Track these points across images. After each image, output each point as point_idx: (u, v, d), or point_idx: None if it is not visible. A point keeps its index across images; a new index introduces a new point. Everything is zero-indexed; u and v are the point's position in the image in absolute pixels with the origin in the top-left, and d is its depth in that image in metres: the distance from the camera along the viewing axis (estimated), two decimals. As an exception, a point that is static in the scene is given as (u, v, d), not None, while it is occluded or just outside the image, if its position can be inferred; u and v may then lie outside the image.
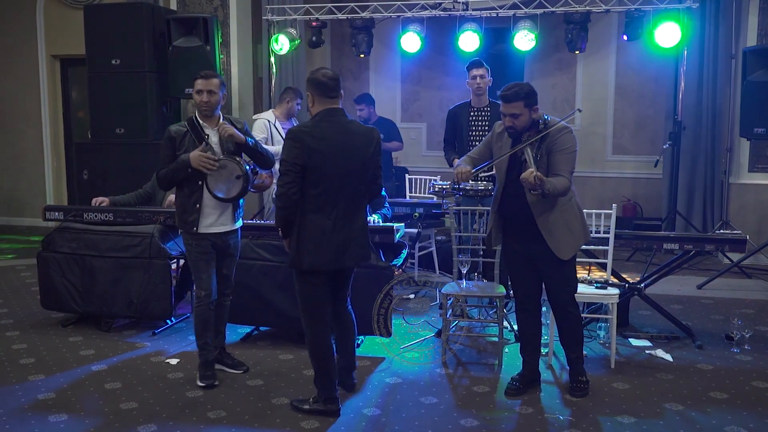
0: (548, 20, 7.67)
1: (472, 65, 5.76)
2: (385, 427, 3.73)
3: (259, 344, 4.98)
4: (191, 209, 4.19)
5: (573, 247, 3.96)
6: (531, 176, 3.64)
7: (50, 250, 5.32)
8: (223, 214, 4.25)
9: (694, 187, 7.88)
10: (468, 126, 5.79)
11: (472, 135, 5.77)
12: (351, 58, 9.71)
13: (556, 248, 3.90)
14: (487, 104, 5.78)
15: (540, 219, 3.89)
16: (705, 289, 6.37)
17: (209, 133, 4.23)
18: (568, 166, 3.86)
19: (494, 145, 4.13)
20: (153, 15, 7.49)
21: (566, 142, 3.87)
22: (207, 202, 4.19)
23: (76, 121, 9.76)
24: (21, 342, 5.04)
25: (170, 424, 3.76)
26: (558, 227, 3.90)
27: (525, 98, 3.86)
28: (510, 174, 3.99)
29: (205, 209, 4.20)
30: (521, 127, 3.90)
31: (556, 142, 3.86)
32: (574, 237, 3.95)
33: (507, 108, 3.89)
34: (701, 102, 7.72)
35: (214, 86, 4.20)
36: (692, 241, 4.99)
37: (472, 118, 5.79)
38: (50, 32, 9.37)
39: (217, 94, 4.21)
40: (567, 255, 3.93)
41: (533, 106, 3.88)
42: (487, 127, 5.75)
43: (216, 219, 4.23)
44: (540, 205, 3.88)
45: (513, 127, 3.91)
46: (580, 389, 4.07)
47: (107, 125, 7.56)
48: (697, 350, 4.81)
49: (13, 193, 9.82)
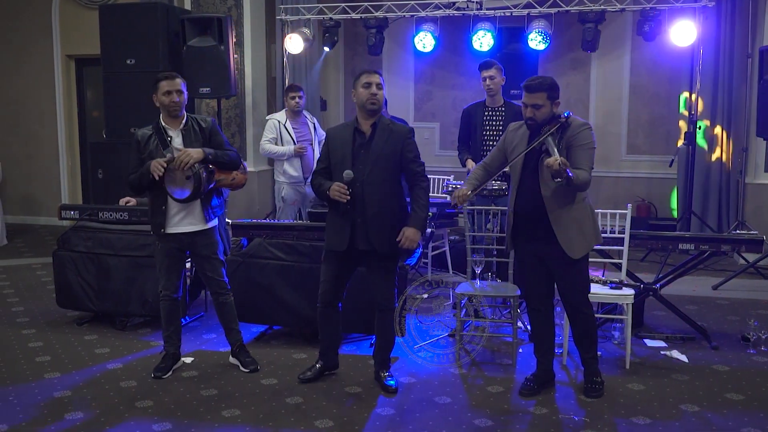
0: (562, 19, 7.64)
1: (482, 66, 5.76)
2: (399, 426, 3.73)
3: (273, 343, 4.99)
4: (158, 211, 4.29)
5: (584, 248, 3.94)
6: (556, 162, 3.60)
7: (66, 248, 5.35)
8: (189, 214, 4.29)
9: (709, 187, 7.83)
10: (482, 125, 5.78)
11: (486, 134, 5.75)
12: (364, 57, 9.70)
13: (567, 247, 3.88)
14: (502, 104, 5.77)
15: (553, 215, 3.87)
16: (721, 290, 6.33)
17: (172, 135, 4.28)
18: (588, 161, 3.84)
19: (507, 146, 4.10)
20: (167, 15, 7.51)
21: (586, 138, 3.86)
22: (171, 203, 4.25)
23: (90, 120, 9.80)
24: (37, 340, 5.07)
25: (185, 423, 3.77)
26: (570, 226, 3.88)
27: (548, 90, 3.86)
28: (525, 170, 3.96)
29: (170, 210, 4.28)
30: (541, 119, 3.87)
31: (577, 136, 3.84)
32: (585, 237, 3.93)
33: (529, 98, 3.87)
34: (717, 101, 7.66)
35: (180, 85, 4.27)
36: (708, 241, 4.95)
37: (487, 117, 5.78)
38: (65, 32, 9.42)
39: (184, 93, 4.28)
40: (577, 254, 3.90)
41: (555, 99, 3.89)
42: (502, 127, 5.73)
43: (181, 219, 4.28)
44: (554, 201, 3.86)
45: (533, 119, 3.89)
46: (594, 390, 4.05)
47: (122, 125, 7.57)
48: (713, 351, 4.78)
49: (28, 192, 9.89)
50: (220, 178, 4.31)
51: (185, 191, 4.15)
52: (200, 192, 4.17)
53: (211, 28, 7.36)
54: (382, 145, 4.01)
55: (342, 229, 4.02)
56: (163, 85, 4.24)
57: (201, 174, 4.12)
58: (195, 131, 4.31)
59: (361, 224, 3.99)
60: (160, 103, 4.27)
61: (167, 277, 4.39)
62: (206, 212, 4.32)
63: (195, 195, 4.16)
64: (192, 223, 4.30)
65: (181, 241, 4.33)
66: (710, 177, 7.81)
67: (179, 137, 4.27)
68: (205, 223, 4.33)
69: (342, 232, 4.02)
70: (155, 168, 4.08)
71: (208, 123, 4.38)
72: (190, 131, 4.30)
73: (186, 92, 4.32)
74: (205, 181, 4.15)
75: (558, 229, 3.88)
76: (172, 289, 4.41)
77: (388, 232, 4.01)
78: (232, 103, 8.36)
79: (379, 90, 4.00)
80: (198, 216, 4.31)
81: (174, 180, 4.16)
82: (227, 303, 4.50)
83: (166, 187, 4.18)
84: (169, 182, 4.17)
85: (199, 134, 4.31)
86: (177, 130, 4.29)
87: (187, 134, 4.29)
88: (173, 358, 4.48)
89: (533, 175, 3.91)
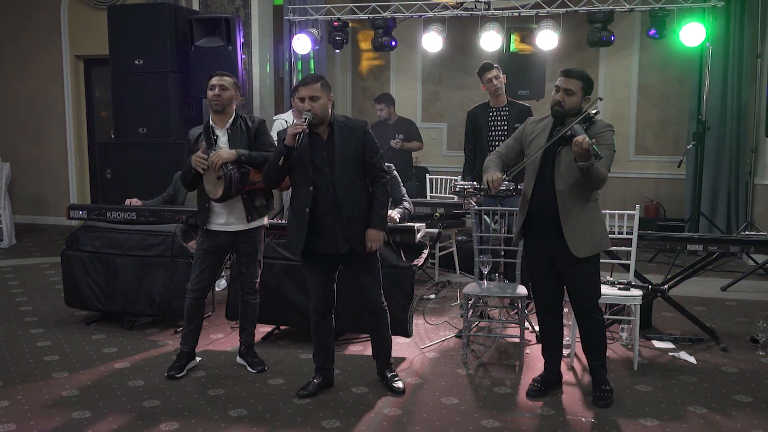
0: (571, 19, 7.62)
1: (484, 69, 5.75)
2: (406, 426, 3.73)
3: (281, 343, 5.00)
4: (203, 208, 4.34)
5: (590, 248, 3.88)
6: (585, 140, 3.52)
7: (74, 248, 5.37)
8: (231, 213, 4.31)
9: (719, 187, 7.80)
10: (487, 126, 5.78)
11: (491, 135, 5.76)
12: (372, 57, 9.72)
13: (572, 244, 3.82)
14: (506, 104, 5.77)
15: (563, 211, 3.82)
16: (729, 291, 6.30)
17: (219, 134, 4.31)
18: (608, 161, 3.79)
19: (526, 137, 4.02)
20: (175, 15, 7.54)
21: (609, 139, 3.82)
22: (214, 202, 4.28)
23: (99, 120, 9.84)
24: (45, 339, 5.09)
25: (192, 422, 3.78)
26: (578, 224, 3.84)
27: (584, 81, 3.84)
28: (544, 163, 3.89)
29: (214, 208, 4.31)
30: (569, 107, 3.82)
31: (601, 135, 3.79)
32: (593, 238, 3.88)
33: (564, 82, 3.83)
34: (726, 102, 7.64)
35: (227, 83, 4.29)
36: (717, 242, 4.93)
37: (492, 118, 5.78)
38: (74, 33, 9.46)
39: (229, 90, 4.29)
40: (582, 253, 3.84)
41: (587, 94, 3.86)
42: (506, 127, 5.73)
43: (225, 218, 4.31)
44: (567, 197, 3.80)
45: (561, 104, 3.83)
46: (603, 398, 3.97)
47: (130, 125, 7.61)
48: (722, 353, 4.76)
49: (37, 192, 9.93)
50: (259, 179, 4.28)
51: (217, 191, 4.17)
52: (231, 193, 4.16)
53: (219, 29, 7.38)
54: (344, 144, 3.93)
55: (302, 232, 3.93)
56: (212, 80, 4.29)
57: (232, 175, 4.12)
58: (241, 130, 4.33)
59: (340, 227, 3.92)
60: (207, 98, 4.32)
61: (198, 272, 4.39)
62: (249, 213, 4.32)
63: (226, 195, 4.16)
64: (233, 223, 4.32)
65: (223, 240, 4.34)
66: (719, 178, 7.78)
67: (225, 136, 4.30)
68: (246, 223, 4.34)
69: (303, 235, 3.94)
70: (196, 162, 4.15)
71: (256, 122, 4.40)
72: (237, 131, 4.32)
73: (232, 91, 4.31)
74: (236, 182, 4.15)
75: (566, 225, 3.83)
76: (200, 286, 4.40)
77: (360, 230, 3.96)
78: (240, 104, 8.37)
79: (313, 103, 3.88)
80: (240, 216, 4.32)
81: (209, 180, 4.20)
82: (251, 303, 4.51)
83: (204, 185, 4.24)
84: (206, 182, 4.22)
85: (245, 134, 4.32)
86: (223, 129, 4.32)
87: (233, 134, 4.31)
88: (187, 357, 4.47)
89: (550, 169, 3.86)
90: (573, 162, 3.67)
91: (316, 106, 3.88)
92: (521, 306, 4.60)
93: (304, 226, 3.93)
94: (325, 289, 4.09)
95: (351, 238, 3.94)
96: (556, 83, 3.88)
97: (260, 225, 4.44)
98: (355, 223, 3.95)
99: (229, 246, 4.40)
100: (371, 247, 3.96)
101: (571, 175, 3.78)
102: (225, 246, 4.39)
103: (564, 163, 3.81)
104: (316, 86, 3.91)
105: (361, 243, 3.96)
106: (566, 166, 3.80)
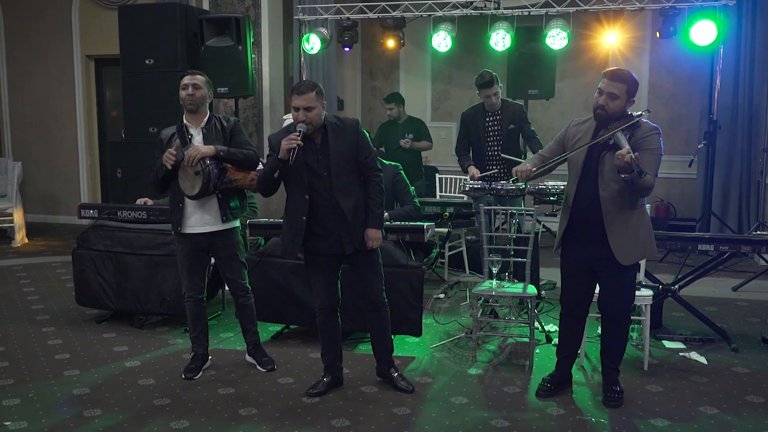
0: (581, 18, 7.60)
1: (483, 86, 5.77)
2: (415, 426, 3.72)
3: (290, 342, 5.01)
4: (176, 209, 4.29)
5: (635, 255, 3.80)
6: (628, 154, 3.44)
7: (85, 247, 5.39)
8: (205, 214, 4.27)
9: (730, 187, 7.75)
10: (484, 129, 5.85)
11: (489, 138, 5.85)
12: (381, 57, 9.72)
13: (617, 251, 3.73)
14: (500, 106, 5.87)
15: (608, 218, 3.73)
16: (740, 291, 6.26)
17: (193, 134, 4.29)
18: (654, 166, 3.68)
19: (568, 140, 3.93)
20: (186, 15, 7.56)
21: (655, 143, 3.70)
22: (188, 202, 4.24)
23: (109, 120, 9.88)
24: (56, 338, 5.12)
25: (202, 420, 3.79)
26: (625, 231, 3.74)
27: (629, 83, 3.70)
28: (586, 168, 3.81)
29: (188, 208, 4.26)
30: (611, 111, 3.71)
31: (646, 139, 3.69)
32: (638, 245, 3.79)
33: (607, 85, 3.70)
34: (737, 101, 7.60)
35: (199, 81, 4.28)
36: (728, 242, 4.90)
37: (489, 121, 5.89)
38: (85, 32, 9.51)
39: (202, 88, 4.28)
40: (627, 261, 3.76)
41: (632, 97, 3.74)
42: (499, 128, 5.82)
43: (198, 219, 4.27)
44: (612, 203, 3.72)
45: (604, 108, 3.71)
46: (614, 399, 3.95)
47: (140, 124, 7.63)
48: (733, 353, 4.73)
49: (48, 191, 9.99)
50: (236, 177, 4.27)
51: (195, 187, 4.14)
52: (209, 188, 4.13)
53: (229, 28, 7.39)
54: (338, 146, 3.89)
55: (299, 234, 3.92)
56: (183, 79, 4.29)
57: (210, 170, 4.09)
58: (217, 130, 4.30)
59: (344, 229, 3.91)
60: (180, 98, 4.30)
61: (189, 278, 4.38)
62: (223, 212, 4.28)
63: (204, 191, 4.13)
64: (209, 223, 4.28)
65: (199, 242, 4.32)
66: (730, 177, 7.74)
67: (200, 135, 4.28)
68: (221, 224, 4.30)
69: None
70: (166, 158, 4.09)
71: (231, 122, 4.38)
72: (212, 130, 4.30)
73: (205, 89, 4.30)
74: (215, 177, 4.12)
75: (611, 232, 3.73)
76: (196, 290, 4.40)
77: (363, 228, 3.95)
78: (250, 103, 8.40)
79: (308, 113, 3.79)
80: (215, 216, 4.28)
81: (186, 176, 4.16)
82: (246, 305, 4.50)
83: (179, 181, 4.19)
84: (182, 179, 4.18)
85: (220, 133, 4.30)
86: (198, 128, 4.30)
87: (209, 133, 4.29)
88: (202, 359, 4.48)
89: (593, 175, 3.77)
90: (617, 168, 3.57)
91: (310, 116, 3.80)
92: (531, 305, 4.59)
93: (300, 234, 3.91)
94: (329, 287, 4.09)
95: (356, 239, 3.93)
96: (599, 86, 3.75)
97: (235, 226, 4.39)
98: (359, 224, 3.94)
99: (205, 247, 4.35)
100: (371, 246, 3.95)
101: (616, 182, 3.69)
102: (202, 247, 4.35)
103: (608, 169, 3.70)
104: (311, 95, 3.80)
105: (364, 242, 3.96)
106: (610, 172, 3.69)
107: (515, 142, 5.91)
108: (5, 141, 10.04)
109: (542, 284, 6.04)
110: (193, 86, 4.25)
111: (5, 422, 3.75)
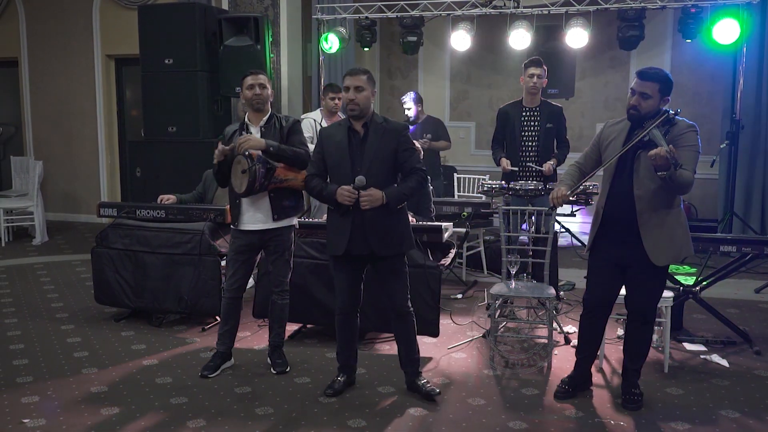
0: (601, 17, 7.54)
1: (531, 63, 5.67)
2: (431, 427, 3.70)
3: (307, 342, 5.00)
4: (234, 205, 4.37)
5: (670, 256, 3.74)
6: (663, 150, 3.38)
7: (104, 246, 5.42)
8: (258, 211, 4.31)
9: (752, 188, 7.65)
10: (520, 125, 5.71)
11: (524, 135, 5.70)
12: (400, 56, 9.69)
13: (652, 252, 3.67)
14: (539, 104, 5.70)
15: (642, 218, 3.68)
16: (763, 293, 6.18)
17: (253, 131, 4.35)
18: (693, 163, 3.61)
19: (603, 141, 3.88)
20: (205, 15, 7.59)
21: (692, 140, 3.64)
22: (244, 199, 4.29)
23: (129, 119, 9.95)
24: (75, 336, 5.15)
25: (219, 419, 3.79)
26: (660, 231, 3.68)
27: (662, 82, 3.66)
28: (620, 168, 3.76)
29: (243, 205, 4.32)
30: (645, 111, 3.66)
31: (683, 136, 3.63)
32: (674, 245, 3.72)
33: (640, 85, 3.66)
34: (761, 100, 7.49)
35: (264, 80, 4.35)
36: (750, 243, 4.84)
37: (525, 117, 5.71)
38: (105, 32, 9.57)
39: (267, 87, 4.36)
40: (661, 261, 3.70)
41: (666, 95, 3.69)
42: (539, 127, 5.67)
43: (251, 216, 4.32)
44: (646, 203, 3.67)
45: (637, 108, 3.67)
46: (633, 401, 3.90)
47: (160, 124, 7.69)
48: (755, 356, 4.66)
49: (69, 190, 10.07)
50: (288, 177, 4.28)
51: (242, 186, 4.17)
52: (254, 187, 4.15)
53: (248, 28, 7.42)
54: (377, 144, 3.87)
55: (342, 232, 3.90)
56: (247, 80, 4.34)
57: (257, 169, 4.12)
58: (275, 128, 4.35)
59: (359, 227, 3.87)
60: (245, 98, 4.36)
61: (232, 273, 4.40)
62: (274, 210, 4.32)
63: (250, 190, 4.16)
64: (260, 221, 4.32)
65: (252, 239, 4.35)
66: (753, 178, 7.64)
67: (258, 133, 4.33)
68: (272, 222, 4.33)
69: (342, 235, 3.90)
70: (216, 153, 4.22)
71: (290, 121, 4.43)
72: (271, 128, 4.35)
73: (269, 87, 4.38)
74: (261, 177, 4.14)
75: (645, 232, 3.68)
76: (235, 286, 4.41)
77: (387, 233, 3.89)
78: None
79: (358, 93, 3.84)
80: (266, 214, 4.32)
81: (235, 174, 4.22)
82: (278, 304, 4.48)
83: (231, 179, 4.27)
84: (233, 176, 4.25)
85: (278, 132, 4.35)
86: (258, 126, 4.35)
87: (267, 131, 4.33)
88: (222, 357, 4.47)
89: (628, 173, 3.72)
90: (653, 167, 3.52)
91: (359, 96, 3.86)
92: (549, 306, 4.55)
93: (347, 225, 3.87)
94: (352, 289, 4.06)
95: (370, 241, 3.87)
96: (631, 86, 3.71)
97: (289, 225, 4.43)
98: (377, 225, 3.87)
99: (258, 245, 4.40)
100: (362, 202, 3.78)
101: (652, 180, 3.63)
102: (254, 245, 4.39)
103: (643, 168, 3.65)
104: (362, 78, 3.90)
105: (382, 247, 3.88)
106: (646, 171, 3.64)
107: (550, 141, 5.77)
108: (27, 140, 10.14)
109: (561, 285, 5.99)
110: (259, 86, 4.32)
111: (24, 419, 3.78)
